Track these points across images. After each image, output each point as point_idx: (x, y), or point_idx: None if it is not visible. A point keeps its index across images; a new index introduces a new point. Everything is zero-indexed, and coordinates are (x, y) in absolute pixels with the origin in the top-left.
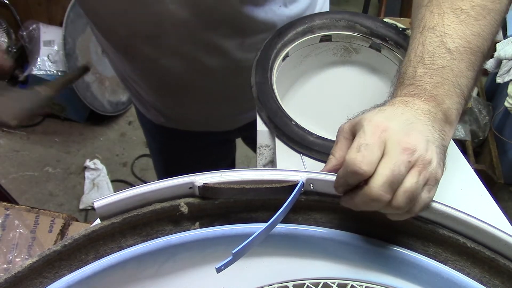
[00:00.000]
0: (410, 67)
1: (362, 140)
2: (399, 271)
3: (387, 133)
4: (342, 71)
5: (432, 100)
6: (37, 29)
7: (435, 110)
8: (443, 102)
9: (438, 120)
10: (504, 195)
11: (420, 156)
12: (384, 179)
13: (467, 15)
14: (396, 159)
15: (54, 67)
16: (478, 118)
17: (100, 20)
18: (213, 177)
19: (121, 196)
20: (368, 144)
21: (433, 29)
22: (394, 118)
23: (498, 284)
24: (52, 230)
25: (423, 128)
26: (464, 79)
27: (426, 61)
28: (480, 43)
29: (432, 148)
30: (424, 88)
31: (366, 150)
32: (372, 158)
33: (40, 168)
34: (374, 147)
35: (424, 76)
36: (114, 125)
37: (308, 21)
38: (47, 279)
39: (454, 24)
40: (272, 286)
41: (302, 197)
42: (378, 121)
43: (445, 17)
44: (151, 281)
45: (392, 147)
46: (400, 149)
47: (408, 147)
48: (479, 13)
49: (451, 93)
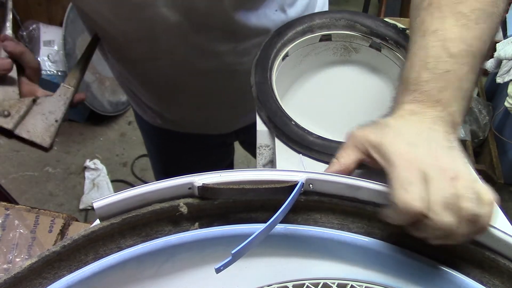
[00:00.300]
0: (414, 72)
1: (402, 178)
2: (399, 271)
3: (419, 162)
4: (342, 70)
5: (438, 105)
6: (37, 29)
7: (442, 114)
8: (449, 105)
9: (448, 123)
10: (504, 195)
11: (453, 170)
12: (440, 204)
13: (468, 19)
14: (438, 184)
15: (54, 67)
16: (478, 118)
17: (93, 23)
18: (212, 178)
19: (121, 196)
20: (411, 182)
21: (434, 33)
22: (416, 143)
23: (498, 284)
24: (52, 230)
25: (442, 142)
26: (466, 82)
27: (430, 66)
28: (480, 46)
29: (457, 155)
30: (429, 93)
31: (412, 186)
32: (421, 193)
33: (40, 168)
34: (417, 181)
35: (429, 81)
36: (114, 125)
37: (308, 21)
38: (46, 279)
39: (455, 28)
40: (272, 286)
41: (301, 197)
42: (405, 151)
43: (446, 21)
44: (151, 281)
45: (430, 173)
46: (439, 175)
47: (443, 167)
48: (479, 16)
49: (456, 96)
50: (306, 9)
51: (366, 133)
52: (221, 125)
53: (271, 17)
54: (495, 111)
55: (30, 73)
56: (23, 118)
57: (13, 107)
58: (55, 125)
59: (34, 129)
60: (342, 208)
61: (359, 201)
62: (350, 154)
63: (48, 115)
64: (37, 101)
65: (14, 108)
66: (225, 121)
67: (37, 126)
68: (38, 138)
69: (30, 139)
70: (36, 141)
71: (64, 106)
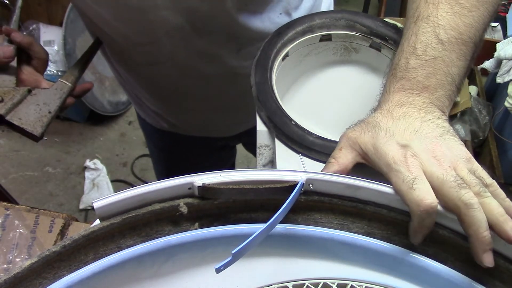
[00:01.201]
0: (403, 58)
1: (406, 177)
2: (399, 271)
3: (415, 157)
4: (342, 70)
5: (425, 91)
6: (37, 29)
7: (430, 100)
8: (436, 91)
9: (436, 107)
10: None
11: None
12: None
13: (461, 6)
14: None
15: (54, 67)
16: (478, 118)
17: (94, 26)
18: (212, 178)
19: (121, 196)
20: (415, 178)
21: (426, 19)
22: (410, 138)
23: (498, 284)
24: (52, 230)
25: (433, 131)
26: (455, 68)
27: (419, 52)
28: (472, 34)
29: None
30: (416, 80)
31: (418, 183)
32: (428, 187)
33: (40, 168)
34: (420, 176)
35: (417, 68)
36: (114, 125)
37: (308, 21)
38: (46, 279)
39: (448, 15)
40: (272, 286)
41: (301, 197)
42: (400, 150)
43: (440, 7)
44: (151, 281)
45: (427, 164)
46: (435, 162)
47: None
48: (473, 4)
49: (443, 82)
50: (310, 12)
51: (358, 135)
52: (224, 128)
53: (275, 20)
54: (495, 111)
55: (37, 64)
56: (16, 106)
57: (7, 94)
58: (48, 116)
59: (26, 117)
60: (342, 208)
61: (359, 201)
62: (347, 154)
63: (42, 106)
64: (32, 91)
65: (8, 95)
66: (228, 125)
67: (30, 115)
68: (29, 126)
69: (21, 126)
70: (27, 128)
71: (60, 100)
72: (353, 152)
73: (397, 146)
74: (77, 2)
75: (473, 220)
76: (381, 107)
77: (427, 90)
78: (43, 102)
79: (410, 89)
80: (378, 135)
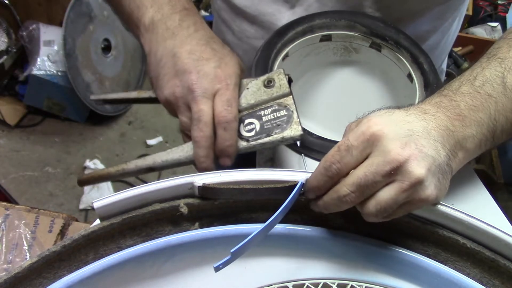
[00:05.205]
0: (458, 81)
1: (347, 140)
2: (399, 271)
3: (377, 139)
4: (342, 70)
5: (458, 120)
6: (37, 29)
7: (454, 130)
8: (469, 127)
9: (453, 141)
10: (504, 195)
11: (408, 173)
12: (353, 179)
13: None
14: (375, 166)
15: (54, 67)
16: None
17: None
18: (212, 177)
19: (121, 196)
20: (349, 146)
21: (501, 60)
22: (395, 124)
23: (498, 284)
24: (52, 230)
25: (427, 143)
26: (503, 118)
27: (477, 83)
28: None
29: (430, 167)
30: (458, 105)
31: (346, 151)
32: (350, 161)
33: (40, 168)
34: (355, 150)
35: (466, 95)
36: (114, 125)
37: (308, 21)
38: (46, 279)
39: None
40: (272, 286)
41: (301, 197)
42: (374, 123)
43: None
44: (151, 281)
45: (377, 154)
46: (384, 158)
47: (395, 159)
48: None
49: (483, 123)
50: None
51: (358, 120)
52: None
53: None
54: None
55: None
56: None
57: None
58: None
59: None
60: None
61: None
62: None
63: None
64: None
65: None
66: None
67: None
68: None
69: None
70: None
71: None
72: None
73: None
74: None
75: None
76: (404, 106)
77: (462, 120)
78: None
79: (444, 108)
80: (378, 112)
